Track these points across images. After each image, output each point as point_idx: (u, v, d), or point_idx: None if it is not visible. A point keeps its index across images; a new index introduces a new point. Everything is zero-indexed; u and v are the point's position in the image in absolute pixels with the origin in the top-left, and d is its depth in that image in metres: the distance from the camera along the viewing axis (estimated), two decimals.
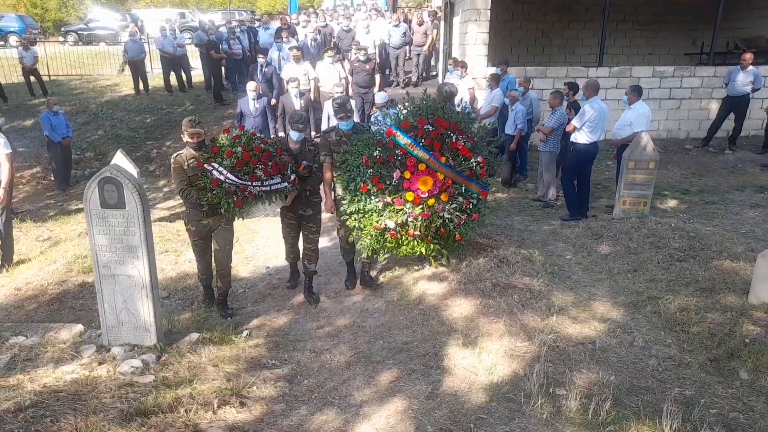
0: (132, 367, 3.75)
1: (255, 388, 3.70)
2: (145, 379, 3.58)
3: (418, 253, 4.71)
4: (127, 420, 2.92)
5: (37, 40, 18.79)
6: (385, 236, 4.57)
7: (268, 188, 4.52)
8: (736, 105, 10.03)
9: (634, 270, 5.26)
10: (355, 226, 4.64)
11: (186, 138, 4.52)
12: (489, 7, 10.54)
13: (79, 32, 23.79)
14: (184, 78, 14.50)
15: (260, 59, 10.57)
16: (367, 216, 4.52)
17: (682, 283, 4.90)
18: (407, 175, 4.35)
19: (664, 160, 10.14)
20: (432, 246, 4.68)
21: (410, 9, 15.46)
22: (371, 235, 4.59)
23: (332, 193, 5.00)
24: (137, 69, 14.19)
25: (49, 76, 16.13)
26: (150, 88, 14.50)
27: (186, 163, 4.51)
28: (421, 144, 4.37)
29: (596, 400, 3.26)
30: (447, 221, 4.47)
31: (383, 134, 4.51)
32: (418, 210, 4.37)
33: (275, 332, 4.75)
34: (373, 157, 4.40)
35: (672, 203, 7.91)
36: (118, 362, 3.83)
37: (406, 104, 4.82)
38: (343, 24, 13.30)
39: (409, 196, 4.34)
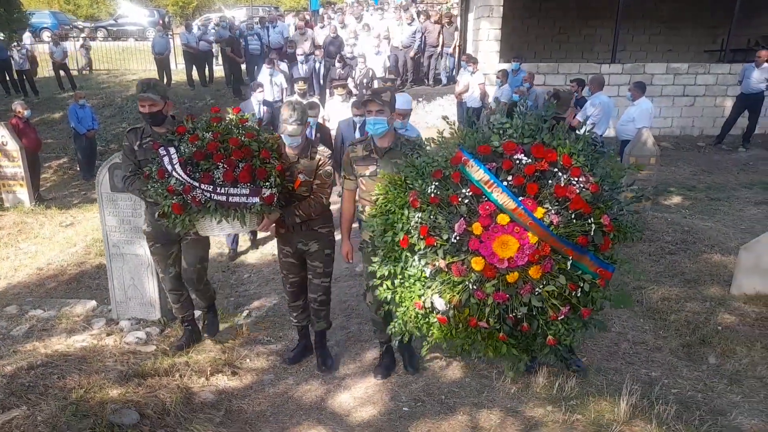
0: (137, 337, 4.08)
1: (248, 360, 3.99)
2: (147, 348, 3.90)
3: (482, 354, 2.89)
4: (126, 380, 3.24)
5: (69, 36, 19.56)
6: (430, 320, 2.84)
7: (224, 198, 3.19)
8: (750, 102, 9.97)
9: (624, 262, 5.39)
10: (386, 297, 2.96)
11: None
12: (501, 4, 10.66)
13: (109, 28, 24.54)
14: (207, 73, 14.94)
15: (258, 94, 8.16)
16: (406, 285, 2.86)
17: (668, 275, 5.03)
18: (477, 229, 2.63)
19: (675, 157, 10.15)
20: (505, 347, 2.80)
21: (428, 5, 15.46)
22: (409, 316, 2.88)
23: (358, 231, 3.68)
24: (162, 64, 14.69)
25: (78, 70, 16.77)
26: (173, 82, 14.98)
27: (138, 143, 3.54)
28: (505, 184, 2.64)
29: (563, 378, 3.45)
30: (536, 312, 2.65)
31: (446, 161, 2.84)
32: (489, 287, 2.63)
33: (274, 313, 5.02)
34: (425, 195, 2.78)
35: (676, 199, 7.95)
36: (124, 333, 4.16)
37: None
38: (347, 50, 11.60)
39: (477, 263, 2.62)
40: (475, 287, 2.65)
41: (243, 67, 14.46)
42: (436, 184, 2.78)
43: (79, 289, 5.64)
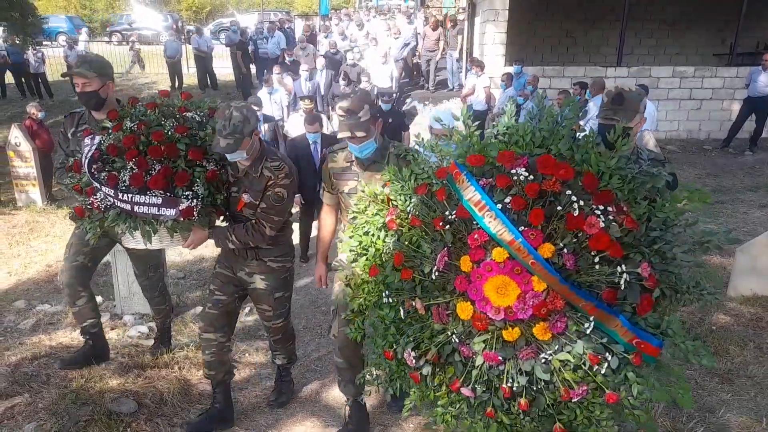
0: (139, 332, 4.20)
1: (247, 354, 4.09)
2: (149, 342, 4.00)
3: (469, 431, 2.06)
4: (125, 371, 3.34)
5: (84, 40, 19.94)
6: (403, 372, 2.17)
7: (129, 207, 2.58)
8: (757, 106, 9.94)
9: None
10: (357, 337, 2.36)
11: None
12: (507, 8, 10.73)
13: (123, 32, 24.92)
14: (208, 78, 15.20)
15: (257, 113, 6.18)
16: (381, 327, 2.19)
17: None
18: (465, 264, 1.94)
19: (682, 160, 10.14)
20: (494, 428, 1.98)
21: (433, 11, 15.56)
22: (379, 363, 2.24)
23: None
24: (174, 67, 14.97)
25: (124, 72, 17.11)
26: (184, 85, 15.23)
27: (73, 129, 3.08)
28: (501, 207, 1.90)
29: None
30: (540, 386, 1.88)
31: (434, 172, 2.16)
32: (478, 343, 1.94)
33: None
34: (406, 216, 2.15)
35: None
36: (127, 328, 4.29)
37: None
38: (349, 57, 11.39)
39: (464, 309, 1.95)
40: (458, 340, 1.97)
41: (253, 70, 14.69)
42: (418, 200, 2.13)
43: None
